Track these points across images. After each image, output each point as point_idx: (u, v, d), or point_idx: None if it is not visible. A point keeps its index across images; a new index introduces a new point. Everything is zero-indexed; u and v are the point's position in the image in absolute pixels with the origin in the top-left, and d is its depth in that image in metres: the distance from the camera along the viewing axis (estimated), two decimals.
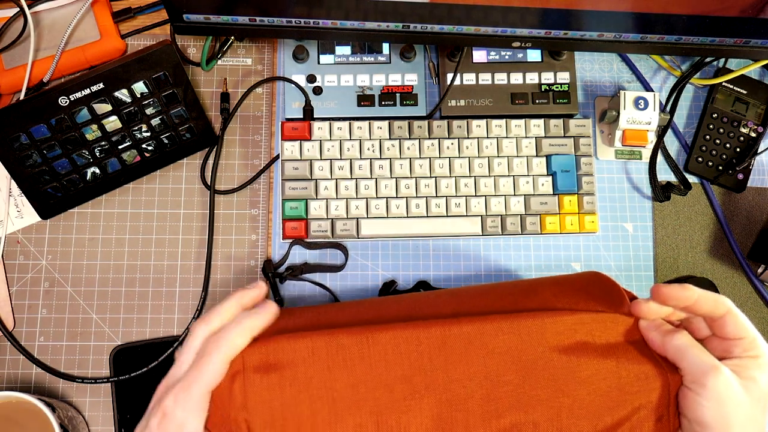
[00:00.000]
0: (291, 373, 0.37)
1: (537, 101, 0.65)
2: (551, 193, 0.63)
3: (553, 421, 0.36)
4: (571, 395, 0.36)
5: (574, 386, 0.36)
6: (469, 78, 0.65)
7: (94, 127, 0.59)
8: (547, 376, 0.37)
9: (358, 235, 0.61)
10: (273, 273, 0.60)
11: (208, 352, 0.35)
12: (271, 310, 0.38)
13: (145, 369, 0.58)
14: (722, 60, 0.68)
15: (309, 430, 0.36)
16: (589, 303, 0.40)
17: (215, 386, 0.36)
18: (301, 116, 0.63)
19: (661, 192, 0.64)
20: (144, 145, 0.61)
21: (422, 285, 0.61)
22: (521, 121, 0.63)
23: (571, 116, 0.65)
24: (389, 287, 0.61)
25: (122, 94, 0.58)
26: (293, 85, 0.64)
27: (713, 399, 0.34)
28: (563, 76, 0.65)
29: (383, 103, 0.64)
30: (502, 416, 0.36)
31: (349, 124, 0.62)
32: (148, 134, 0.61)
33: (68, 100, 0.57)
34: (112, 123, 0.59)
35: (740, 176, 0.66)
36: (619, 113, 0.62)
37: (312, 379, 0.37)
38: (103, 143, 0.60)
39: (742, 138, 0.66)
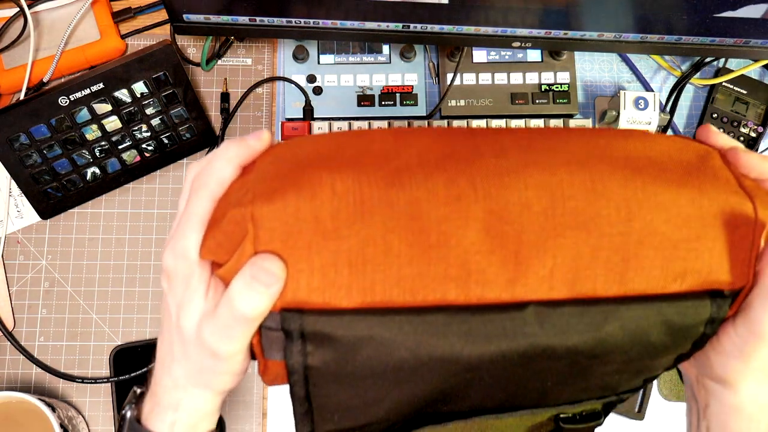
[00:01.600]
0: (308, 163, 0.30)
1: (537, 101, 0.65)
2: None
3: (619, 250, 0.29)
4: (645, 220, 0.30)
5: (648, 210, 0.30)
6: (469, 78, 0.65)
7: (94, 127, 0.59)
8: (617, 196, 0.30)
9: None
10: None
11: (195, 190, 0.31)
12: (262, 135, 0.32)
13: (145, 369, 0.58)
14: (722, 60, 0.68)
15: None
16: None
17: (206, 224, 0.31)
18: (301, 116, 0.63)
19: None
20: (144, 145, 0.61)
21: None
22: (521, 121, 0.63)
23: (571, 116, 0.65)
24: None
25: (122, 94, 0.58)
26: (293, 85, 0.64)
27: None
28: (563, 76, 0.65)
29: (383, 103, 0.64)
30: (561, 236, 0.29)
31: (349, 124, 0.62)
32: (148, 134, 0.61)
33: (68, 100, 0.57)
34: (112, 123, 0.59)
35: None
36: (619, 113, 0.62)
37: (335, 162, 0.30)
38: (103, 143, 0.60)
39: (742, 138, 0.66)
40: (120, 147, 0.60)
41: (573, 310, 0.29)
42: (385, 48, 0.65)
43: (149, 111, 0.60)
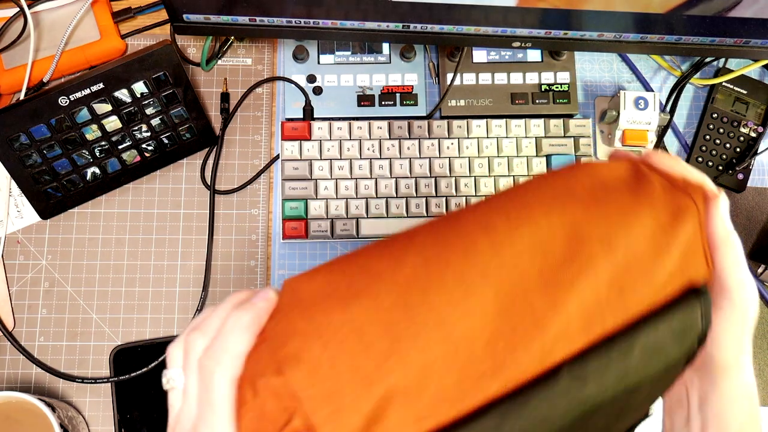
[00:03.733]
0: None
1: (537, 101, 0.65)
2: None
3: (613, 282, 0.31)
4: (623, 246, 0.31)
5: (623, 237, 0.31)
6: (469, 78, 0.65)
7: (94, 127, 0.59)
8: (596, 233, 0.31)
9: (357, 234, 0.61)
10: None
11: (210, 378, 0.28)
12: (268, 295, 0.30)
13: (145, 369, 0.58)
14: (722, 60, 0.68)
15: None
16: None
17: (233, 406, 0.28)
18: (301, 116, 0.63)
19: None
20: (144, 145, 0.61)
21: None
22: (521, 121, 0.63)
23: (571, 116, 0.65)
24: None
25: (122, 94, 0.58)
26: (293, 85, 0.64)
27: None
28: (563, 76, 0.65)
29: (383, 103, 0.64)
30: (562, 288, 0.30)
31: (349, 124, 0.62)
32: (148, 134, 0.61)
33: (68, 100, 0.57)
34: (112, 123, 0.59)
35: (740, 176, 0.66)
36: (619, 113, 0.62)
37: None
38: (103, 143, 0.60)
39: (742, 138, 0.66)
40: (120, 147, 0.60)
41: (599, 354, 0.30)
42: (385, 48, 0.65)
43: (149, 111, 0.60)
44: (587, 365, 0.30)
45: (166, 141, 0.61)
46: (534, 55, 0.66)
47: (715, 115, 0.67)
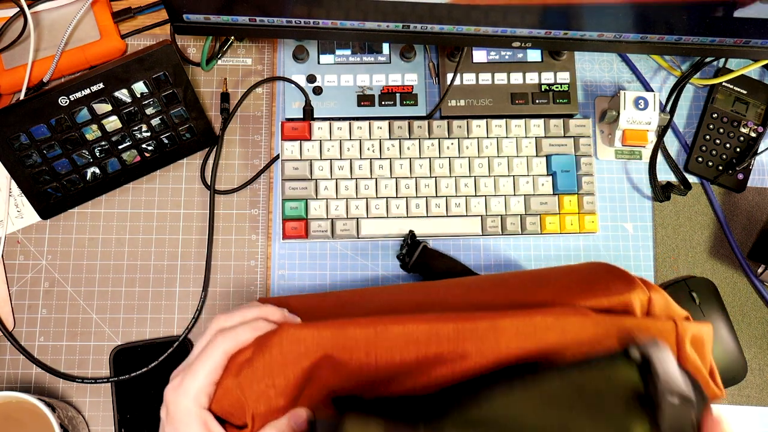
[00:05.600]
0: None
1: (537, 101, 0.65)
2: (551, 193, 0.63)
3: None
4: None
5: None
6: (469, 78, 0.65)
7: (94, 127, 0.59)
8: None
9: (358, 235, 0.61)
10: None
11: (213, 343, 0.37)
12: (257, 325, 0.39)
13: (145, 369, 0.58)
14: (722, 60, 0.68)
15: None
16: (605, 291, 0.40)
17: (216, 376, 0.37)
18: (301, 116, 0.63)
19: (661, 192, 0.64)
20: (144, 145, 0.61)
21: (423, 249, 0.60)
22: (521, 121, 0.63)
23: (571, 116, 0.65)
24: (414, 246, 0.60)
25: (122, 94, 0.58)
26: (293, 85, 0.64)
27: None
28: (563, 76, 0.65)
29: (383, 103, 0.64)
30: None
31: (349, 124, 0.62)
32: (148, 134, 0.61)
33: (68, 100, 0.57)
34: (112, 123, 0.59)
35: (740, 176, 0.66)
36: (619, 113, 0.62)
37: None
38: (103, 143, 0.60)
39: (742, 138, 0.66)
40: (120, 147, 0.60)
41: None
42: (385, 48, 0.65)
43: (149, 111, 0.60)
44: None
45: (166, 141, 0.61)
46: (534, 55, 0.66)
47: (715, 115, 0.67)
